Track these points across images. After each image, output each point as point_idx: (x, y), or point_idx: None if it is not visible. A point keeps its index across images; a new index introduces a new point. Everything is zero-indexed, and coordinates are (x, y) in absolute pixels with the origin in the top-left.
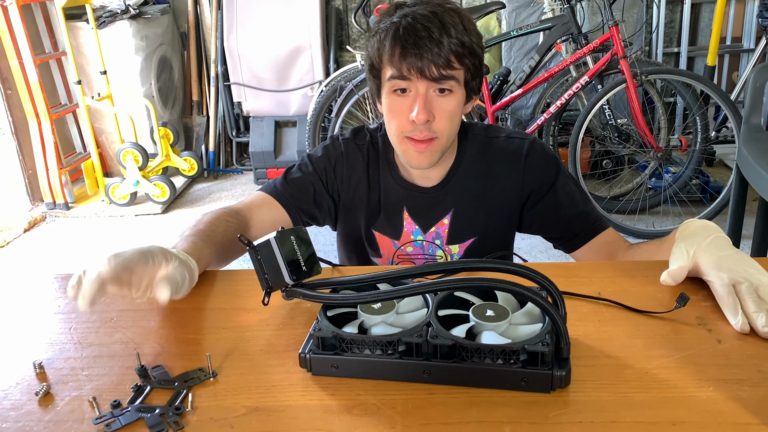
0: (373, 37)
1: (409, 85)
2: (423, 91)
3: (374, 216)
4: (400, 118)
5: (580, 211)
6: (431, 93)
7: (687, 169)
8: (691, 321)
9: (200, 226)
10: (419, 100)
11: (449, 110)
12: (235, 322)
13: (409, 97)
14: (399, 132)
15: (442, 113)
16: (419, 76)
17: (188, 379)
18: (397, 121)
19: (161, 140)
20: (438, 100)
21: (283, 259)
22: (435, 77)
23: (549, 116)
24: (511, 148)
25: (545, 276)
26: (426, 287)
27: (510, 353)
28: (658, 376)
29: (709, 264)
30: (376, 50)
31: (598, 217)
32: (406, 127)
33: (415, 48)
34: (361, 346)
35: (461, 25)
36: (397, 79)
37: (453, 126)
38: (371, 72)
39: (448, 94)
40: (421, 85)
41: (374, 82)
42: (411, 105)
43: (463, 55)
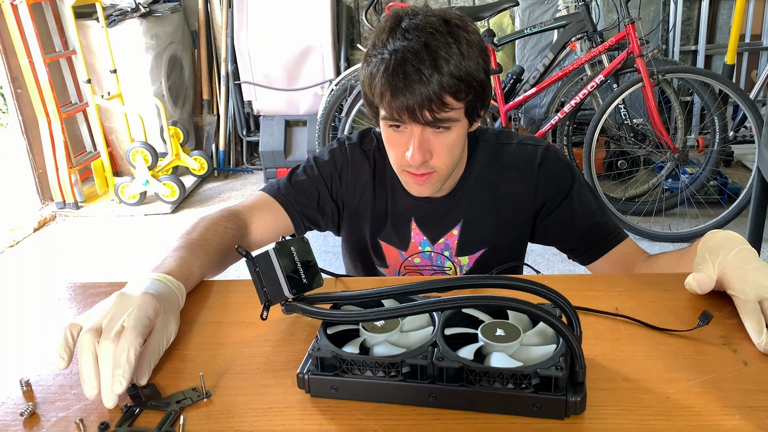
0: (366, 67)
1: (404, 124)
2: (418, 132)
3: (380, 225)
4: (397, 151)
5: (595, 222)
6: (428, 131)
7: (704, 170)
8: (715, 340)
9: (194, 234)
10: (414, 141)
11: (448, 145)
12: (232, 337)
13: (405, 134)
14: (397, 165)
15: (441, 149)
16: (411, 120)
17: (180, 400)
18: (394, 154)
19: (171, 139)
20: (436, 137)
21: (282, 272)
22: (428, 121)
23: (563, 116)
24: (524, 156)
25: (559, 293)
26: (431, 305)
27: (521, 377)
28: (679, 402)
29: (734, 277)
30: (368, 87)
31: (615, 228)
32: (402, 161)
33: (405, 91)
34: (362, 367)
35: (458, 53)
36: (389, 120)
37: (454, 158)
38: (365, 100)
39: (446, 131)
40: (416, 127)
41: (370, 110)
42: (407, 142)
43: (460, 90)
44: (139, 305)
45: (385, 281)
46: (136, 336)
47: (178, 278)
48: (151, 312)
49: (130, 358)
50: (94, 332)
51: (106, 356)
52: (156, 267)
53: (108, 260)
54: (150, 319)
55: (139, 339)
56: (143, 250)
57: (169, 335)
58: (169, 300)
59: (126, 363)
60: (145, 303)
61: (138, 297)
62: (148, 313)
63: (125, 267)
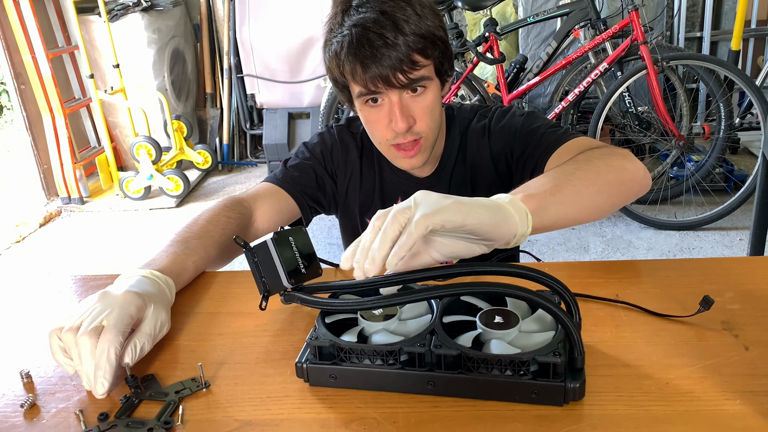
0: (328, 50)
1: (381, 96)
2: (396, 99)
3: (368, 205)
4: (380, 128)
5: (534, 133)
6: (405, 96)
7: (710, 157)
8: (716, 326)
9: (194, 227)
10: (395, 109)
11: (428, 107)
12: (232, 327)
13: (384, 106)
14: (383, 141)
15: (422, 113)
16: (387, 87)
17: (179, 390)
18: (378, 132)
19: (175, 133)
20: (414, 101)
21: (280, 262)
22: (404, 84)
23: (567, 104)
24: (479, 127)
25: (557, 279)
26: (429, 293)
27: (519, 364)
28: (680, 387)
29: None
30: (336, 67)
31: (557, 136)
32: (388, 135)
33: (374, 60)
34: (360, 355)
35: (415, 15)
36: (366, 95)
37: (436, 120)
38: (336, 86)
39: (423, 92)
40: (393, 93)
41: (343, 94)
42: (387, 114)
43: (426, 47)
44: (121, 304)
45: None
46: (116, 335)
47: (169, 274)
48: (133, 310)
49: (110, 358)
50: (75, 331)
51: (84, 351)
52: (147, 263)
53: (114, 255)
54: (132, 317)
55: (120, 338)
56: (149, 245)
57: (162, 323)
58: (156, 297)
59: (106, 363)
60: (126, 301)
61: (120, 295)
62: (129, 312)
63: (131, 261)
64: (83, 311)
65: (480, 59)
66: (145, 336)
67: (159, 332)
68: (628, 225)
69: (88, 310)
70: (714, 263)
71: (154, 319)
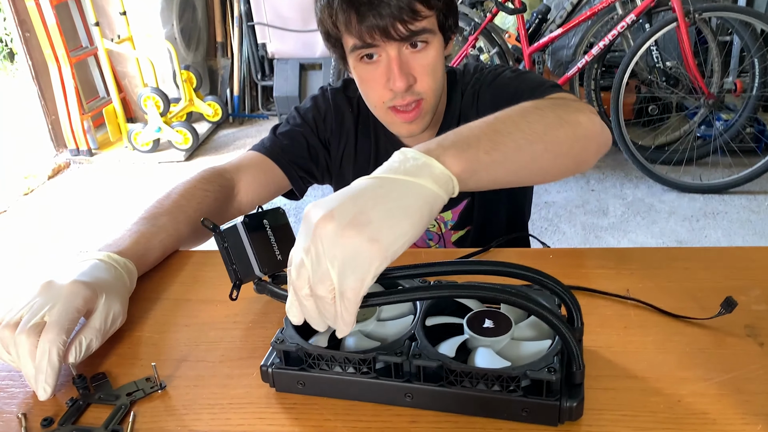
0: (320, 1)
1: (377, 50)
2: (395, 54)
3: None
4: (376, 87)
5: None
6: (405, 52)
7: (741, 116)
8: (738, 330)
9: (166, 202)
10: (394, 66)
11: (430, 65)
12: (200, 317)
13: (381, 63)
14: (379, 103)
15: (422, 71)
16: (385, 39)
17: (132, 392)
18: (374, 92)
19: (184, 84)
20: (414, 58)
21: (252, 248)
22: (404, 35)
23: (591, 58)
24: (472, 92)
25: (557, 280)
26: (410, 294)
27: (509, 379)
28: (692, 406)
29: None
30: (329, 18)
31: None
32: (385, 96)
33: (371, 8)
34: (330, 362)
35: None
36: (362, 49)
37: (438, 79)
38: (328, 41)
39: (424, 47)
40: (391, 48)
41: (335, 50)
42: (385, 72)
43: None
44: (66, 296)
45: None
46: (58, 333)
47: (130, 256)
48: (79, 303)
49: (52, 360)
50: (13, 327)
51: (23, 352)
52: (108, 244)
53: (122, 209)
54: (79, 311)
55: (63, 336)
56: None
57: (114, 316)
58: (110, 285)
59: (48, 366)
60: (72, 293)
61: (65, 286)
62: (75, 305)
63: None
64: (23, 305)
65: (499, 8)
66: (92, 331)
67: (110, 326)
68: (651, 187)
69: (29, 303)
70: (740, 253)
71: (105, 311)
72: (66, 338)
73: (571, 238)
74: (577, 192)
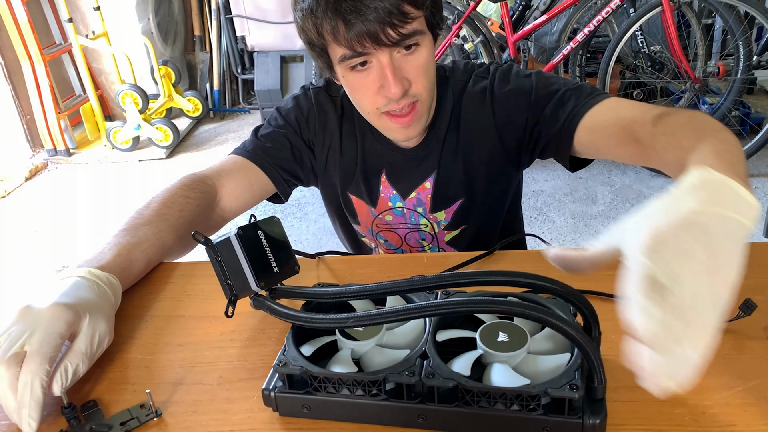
0: (299, 6)
1: (368, 57)
2: (387, 60)
3: (349, 177)
4: (369, 95)
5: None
6: (396, 56)
7: (726, 99)
8: (758, 333)
9: (146, 212)
10: (387, 72)
11: (423, 66)
12: (193, 335)
13: (373, 69)
14: (373, 109)
15: (416, 73)
16: (376, 45)
17: (126, 421)
18: (367, 99)
19: (162, 80)
20: (407, 60)
21: (247, 262)
22: (395, 40)
23: (576, 44)
24: (477, 90)
25: (571, 288)
26: (418, 312)
27: (528, 398)
28: (718, 418)
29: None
30: (312, 27)
31: (588, 94)
32: (378, 102)
33: (358, 15)
34: (337, 385)
35: None
36: (352, 59)
37: (431, 79)
38: (312, 50)
39: (416, 49)
40: (382, 54)
41: (320, 59)
42: (377, 78)
43: None
44: (46, 321)
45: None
46: (40, 362)
47: (113, 270)
48: (62, 328)
49: (35, 393)
50: None
51: (3, 385)
52: (88, 259)
53: (103, 209)
54: (62, 336)
55: (45, 366)
56: (139, 198)
57: (101, 337)
58: (94, 303)
59: (31, 400)
60: (53, 317)
61: (45, 311)
62: (57, 330)
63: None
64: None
65: None
66: (78, 356)
67: (97, 349)
68: (638, 173)
69: (6, 332)
70: (753, 250)
71: (90, 333)
72: (49, 368)
73: (561, 228)
74: (564, 180)
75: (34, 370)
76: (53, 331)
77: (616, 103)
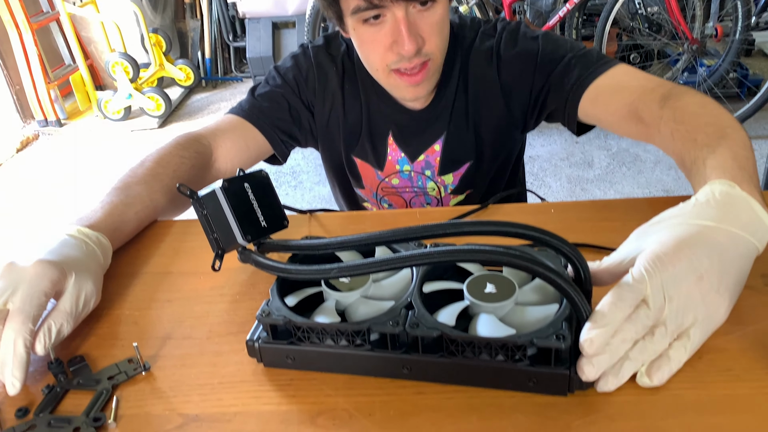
0: None
1: (383, 11)
2: (402, 15)
3: (353, 140)
4: (379, 50)
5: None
6: (412, 11)
7: (724, 61)
8: (756, 283)
9: (139, 171)
10: (402, 28)
11: (438, 23)
12: (183, 291)
13: (386, 24)
14: (382, 66)
15: (431, 30)
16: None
17: (113, 375)
18: (377, 55)
19: (153, 48)
20: (422, 17)
21: (232, 214)
22: None
23: (572, 6)
24: (484, 49)
25: (563, 239)
26: (403, 260)
27: (514, 348)
28: (715, 363)
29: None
30: None
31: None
32: (389, 58)
33: None
34: (321, 335)
35: None
36: (366, 11)
37: (445, 37)
38: (325, 0)
39: (432, 5)
40: (398, 8)
41: (330, 9)
42: (391, 33)
43: None
44: (30, 279)
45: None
46: (23, 321)
47: (103, 230)
48: (46, 285)
49: (18, 352)
50: None
51: None
52: (79, 218)
53: (96, 181)
54: (46, 294)
55: (29, 324)
56: None
57: (87, 297)
58: (81, 262)
59: (14, 359)
60: (37, 275)
61: (29, 268)
62: (42, 288)
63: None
64: None
65: None
66: (62, 315)
67: (83, 309)
68: None
69: None
70: None
71: (76, 292)
72: (33, 326)
73: (557, 192)
74: (561, 144)
75: (17, 329)
76: (37, 289)
77: (623, 74)
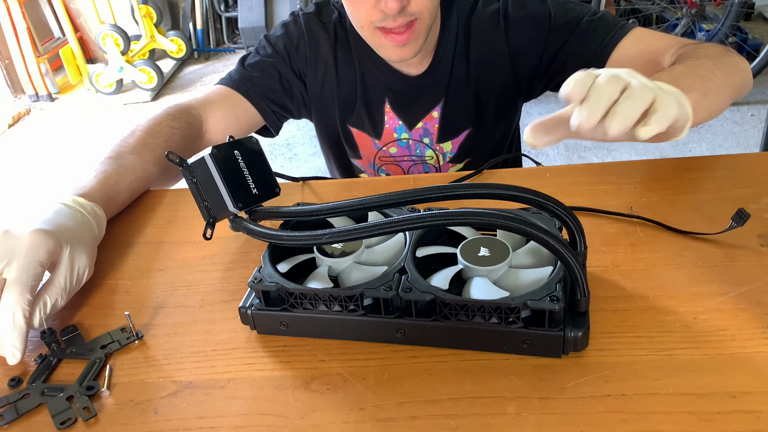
0: None
1: None
2: None
3: (349, 109)
4: (364, 6)
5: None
6: None
7: (723, 25)
8: (752, 243)
9: (130, 140)
10: None
11: None
12: (174, 260)
13: None
14: (367, 23)
15: None
16: None
17: (106, 344)
18: (361, 11)
19: (144, 20)
20: None
21: (222, 181)
22: None
23: None
24: (488, 15)
25: (557, 201)
26: (396, 225)
27: (507, 311)
28: (709, 323)
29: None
30: None
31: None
32: (374, 16)
33: None
34: (314, 300)
35: None
36: None
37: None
38: None
39: None
40: None
41: None
42: None
43: None
44: (26, 249)
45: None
46: (21, 291)
47: (97, 200)
48: (42, 255)
49: (18, 323)
50: None
51: None
52: (73, 186)
53: (89, 156)
54: (42, 265)
55: (27, 295)
56: None
57: (81, 271)
58: (76, 233)
59: (14, 330)
60: (33, 245)
61: (25, 237)
62: (38, 258)
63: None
64: None
65: None
66: (57, 290)
67: (76, 283)
68: None
69: None
70: (746, 160)
71: (70, 265)
72: (30, 297)
73: (554, 160)
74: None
75: (15, 300)
76: (33, 259)
77: (642, 34)
